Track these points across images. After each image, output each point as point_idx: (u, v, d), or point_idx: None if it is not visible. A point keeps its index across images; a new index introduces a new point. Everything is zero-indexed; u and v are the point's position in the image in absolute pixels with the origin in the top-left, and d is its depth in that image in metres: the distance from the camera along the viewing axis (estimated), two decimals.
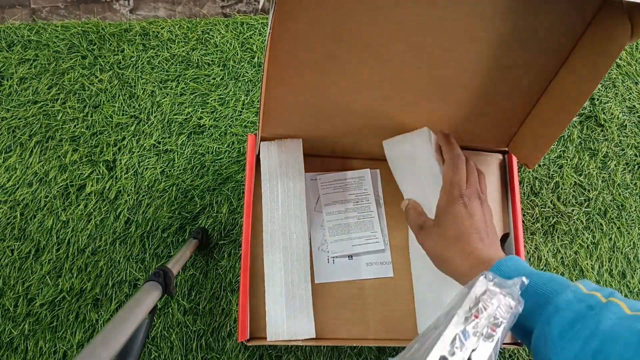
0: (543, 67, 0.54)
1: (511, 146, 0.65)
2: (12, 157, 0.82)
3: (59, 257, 0.78)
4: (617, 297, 0.33)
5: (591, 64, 0.50)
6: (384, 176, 0.66)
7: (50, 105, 0.85)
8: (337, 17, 0.45)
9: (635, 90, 0.92)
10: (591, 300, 0.33)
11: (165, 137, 0.84)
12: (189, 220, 0.80)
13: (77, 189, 0.81)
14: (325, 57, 0.50)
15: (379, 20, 0.46)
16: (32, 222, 0.79)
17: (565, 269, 0.81)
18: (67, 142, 0.83)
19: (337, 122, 0.59)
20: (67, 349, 0.74)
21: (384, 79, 0.53)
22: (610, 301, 0.32)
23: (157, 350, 0.74)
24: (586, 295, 0.33)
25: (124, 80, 0.86)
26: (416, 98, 0.56)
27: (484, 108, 0.58)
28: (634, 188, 0.86)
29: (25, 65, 0.87)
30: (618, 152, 0.88)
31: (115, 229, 0.79)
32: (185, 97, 0.86)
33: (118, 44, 0.88)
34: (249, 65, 0.89)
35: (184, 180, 0.82)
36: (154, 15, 0.94)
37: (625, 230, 0.84)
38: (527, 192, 0.84)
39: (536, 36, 0.50)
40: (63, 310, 0.75)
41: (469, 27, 0.48)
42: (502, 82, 0.55)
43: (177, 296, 0.76)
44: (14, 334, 0.74)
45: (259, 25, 0.91)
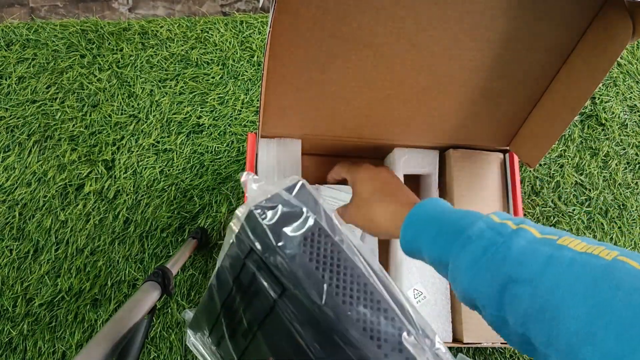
0: (544, 66, 0.54)
1: (512, 145, 0.64)
2: (11, 156, 0.81)
3: (58, 257, 0.77)
4: (529, 224, 0.33)
5: (593, 63, 0.49)
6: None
7: (49, 104, 0.84)
8: (337, 16, 0.45)
9: (637, 89, 0.91)
10: (502, 228, 0.33)
11: (164, 136, 0.83)
12: (188, 220, 0.79)
13: (75, 188, 0.80)
14: (326, 55, 0.49)
15: (379, 18, 0.46)
16: (31, 221, 0.79)
17: None
18: (65, 141, 0.82)
19: (337, 121, 0.59)
20: (66, 349, 0.74)
21: (385, 78, 0.53)
22: (520, 228, 0.32)
23: (156, 350, 0.74)
24: (497, 224, 0.34)
25: (122, 80, 0.86)
26: (417, 97, 0.56)
27: (485, 107, 0.58)
28: (635, 187, 0.86)
29: (23, 65, 0.86)
30: (619, 152, 0.88)
31: (114, 228, 0.78)
32: (184, 96, 0.86)
33: (117, 43, 0.88)
34: (248, 64, 0.88)
35: (183, 179, 0.81)
36: (153, 14, 0.93)
37: (627, 230, 0.83)
38: (528, 191, 0.84)
39: (537, 35, 0.50)
40: (62, 310, 0.75)
41: (470, 26, 0.48)
42: (504, 80, 0.55)
43: (176, 296, 0.76)
44: (13, 334, 0.74)
45: (258, 24, 0.91)
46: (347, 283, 0.25)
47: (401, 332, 0.23)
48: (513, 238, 0.31)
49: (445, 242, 0.35)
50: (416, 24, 0.47)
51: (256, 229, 0.26)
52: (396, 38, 0.48)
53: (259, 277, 0.26)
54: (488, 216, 0.35)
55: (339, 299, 0.24)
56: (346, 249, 0.26)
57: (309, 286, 0.24)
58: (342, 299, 0.24)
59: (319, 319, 0.23)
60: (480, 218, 0.35)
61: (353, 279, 0.25)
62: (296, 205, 0.27)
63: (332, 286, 0.24)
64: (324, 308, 0.23)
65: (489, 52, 0.51)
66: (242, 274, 0.28)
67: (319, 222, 0.26)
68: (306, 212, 0.26)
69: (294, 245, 0.25)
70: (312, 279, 0.24)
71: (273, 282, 0.25)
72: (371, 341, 0.23)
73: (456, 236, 0.34)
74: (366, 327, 0.23)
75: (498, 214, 0.35)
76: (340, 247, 0.26)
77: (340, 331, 0.23)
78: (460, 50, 0.50)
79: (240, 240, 0.27)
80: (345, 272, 0.25)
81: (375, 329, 0.23)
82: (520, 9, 0.46)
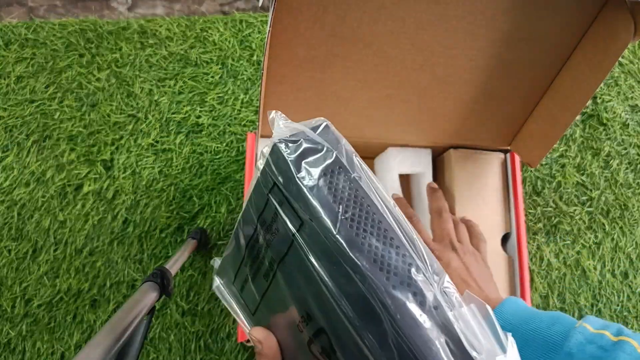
0: (546, 65, 0.53)
1: (514, 145, 0.64)
2: (9, 156, 0.81)
3: (57, 258, 0.77)
4: (626, 333, 0.32)
5: (594, 63, 0.49)
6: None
7: (48, 104, 0.84)
8: (338, 15, 0.45)
9: (638, 89, 0.91)
10: (601, 340, 0.32)
11: (164, 136, 0.83)
12: (188, 220, 0.79)
13: (74, 188, 0.80)
14: (326, 54, 0.49)
15: (380, 18, 0.45)
16: (30, 222, 0.78)
17: (568, 270, 0.80)
18: (64, 141, 0.82)
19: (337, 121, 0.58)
20: (65, 350, 0.73)
21: (385, 77, 0.53)
22: (621, 340, 0.31)
23: (155, 351, 0.73)
24: (595, 335, 0.33)
25: (121, 79, 0.86)
26: (417, 96, 0.56)
27: (486, 106, 0.58)
28: (636, 187, 0.86)
29: (22, 64, 0.86)
30: (620, 151, 0.87)
31: (113, 229, 0.78)
32: (183, 95, 0.85)
33: (116, 42, 0.88)
34: (248, 63, 0.88)
35: (182, 179, 0.81)
36: (152, 13, 0.93)
37: (628, 230, 0.83)
38: (529, 191, 0.84)
39: (539, 34, 0.49)
40: (61, 311, 0.75)
41: (471, 25, 0.47)
42: (505, 80, 0.55)
43: (175, 297, 0.75)
44: (12, 335, 0.74)
45: (258, 23, 0.91)
46: (362, 217, 0.25)
47: (411, 268, 0.24)
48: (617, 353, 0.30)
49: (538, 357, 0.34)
50: (416, 23, 0.46)
51: (279, 161, 0.27)
52: (396, 37, 0.48)
53: (280, 212, 0.27)
54: (582, 325, 0.34)
55: (353, 231, 0.24)
56: (364, 186, 0.27)
57: (325, 216, 0.25)
58: (355, 232, 0.24)
59: (332, 249, 0.24)
60: (573, 327, 0.34)
61: (368, 214, 0.25)
62: (318, 142, 0.28)
63: (347, 218, 0.25)
64: (337, 237, 0.24)
65: (490, 52, 0.51)
66: (265, 210, 0.29)
67: (340, 159, 0.27)
68: (327, 148, 0.27)
69: (313, 178, 0.26)
70: (327, 209, 0.25)
71: (293, 215, 0.26)
72: (380, 272, 0.23)
73: (553, 351, 0.33)
74: (377, 259, 0.24)
75: (589, 320, 0.34)
76: (358, 183, 0.27)
77: (351, 259, 0.23)
78: (460, 50, 0.50)
79: (264, 175, 0.28)
80: (361, 207, 0.26)
81: (386, 261, 0.24)
82: (521, 9, 0.46)
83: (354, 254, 0.23)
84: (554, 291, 0.79)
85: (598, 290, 0.80)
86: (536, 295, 0.79)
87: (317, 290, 0.25)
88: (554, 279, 0.79)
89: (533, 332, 0.35)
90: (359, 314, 0.23)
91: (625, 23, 0.44)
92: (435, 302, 0.23)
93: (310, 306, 0.26)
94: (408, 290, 0.23)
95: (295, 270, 0.27)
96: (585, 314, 0.79)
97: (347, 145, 0.29)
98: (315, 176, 0.26)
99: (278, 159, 0.27)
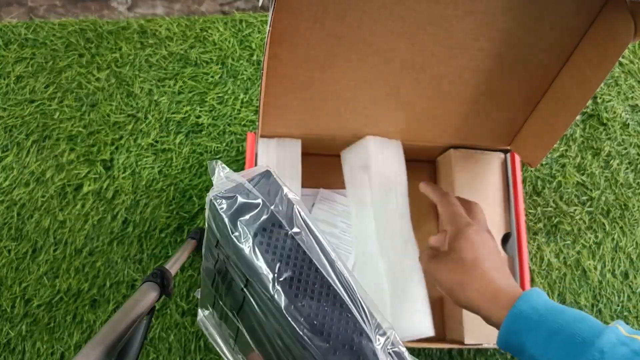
0: (546, 65, 0.53)
1: (514, 145, 0.64)
2: (9, 156, 0.81)
3: (57, 258, 0.77)
4: None
5: (594, 63, 0.49)
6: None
7: (47, 104, 0.84)
8: (337, 15, 0.45)
9: (638, 89, 0.91)
10: (634, 344, 0.32)
11: (163, 136, 0.83)
12: (187, 220, 0.79)
13: (74, 188, 0.80)
14: (326, 54, 0.49)
15: (380, 18, 0.45)
16: (29, 222, 0.78)
17: (568, 269, 0.80)
18: (64, 141, 0.82)
19: (337, 121, 0.58)
20: (65, 350, 0.73)
21: (385, 77, 0.53)
22: None
23: (155, 351, 0.73)
24: (627, 338, 0.33)
25: (121, 79, 0.86)
26: (418, 96, 0.56)
27: (486, 106, 0.58)
28: (636, 187, 0.86)
29: (22, 64, 0.86)
30: (621, 151, 0.87)
31: (113, 229, 0.78)
32: (183, 95, 0.85)
33: (116, 42, 0.88)
34: (247, 63, 0.88)
35: (182, 179, 0.81)
36: (152, 13, 0.93)
37: (629, 230, 0.83)
38: (529, 191, 0.83)
39: (539, 34, 0.49)
40: (60, 311, 0.75)
41: (471, 25, 0.47)
42: (505, 80, 0.55)
43: (175, 297, 0.75)
44: (11, 335, 0.74)
45: (258, 22, 0.91)
46: (301, 276, 0.24)
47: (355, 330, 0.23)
48: None
49: (566, 351, 0.34)
50: (417, 23, 0.46)
51: (216, 218, 0.26)
52: (396, 37, 0.48)
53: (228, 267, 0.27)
54: (615, 326, 0.34)
55: (292, 292, 0.23)
56: (304, 243, 0.26)
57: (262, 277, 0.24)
58: (294, 292, 0.23)
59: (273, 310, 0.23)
60: (606, 327, 0.34)
61: (309, 273, 0.24)
62: (255, 195, 0.26)
63: (284, 278, 0.24)
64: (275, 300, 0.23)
65: (490, 52, 0.51)
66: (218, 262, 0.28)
67: (276, 215, 0.26)
68: (263, 203, 0.26)
69: (248, 237, 0.25)
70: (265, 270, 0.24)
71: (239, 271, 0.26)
72: (321, 337, 0.22)
73: (583, 348, 0.33)
74: (317, 322, 0.23)
75: (621, 323, 0.34)
76: (295, 240, 0.25)
77: (290, 324, 0.22)
78: (461, 50, 0.50)
79: (209, 229, 0.28)
80: (301, 266, 0.25)
81: (327, 324, 0.23)
82: (521, 9, 0.46)
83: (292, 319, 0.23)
84: (554, 291, 0.79)
85: (598, 290, 0.80)
86: None
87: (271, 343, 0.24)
88: (554, 279, 0.79)
89: (562, 325, 0.35)
90: None
91: (625, 23, 0.44)
92: None
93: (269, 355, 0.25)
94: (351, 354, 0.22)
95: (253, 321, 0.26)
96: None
97: (289, 194, 0.27)
98: (251, 234, 0.25)
99: (215, 216, 0.26)
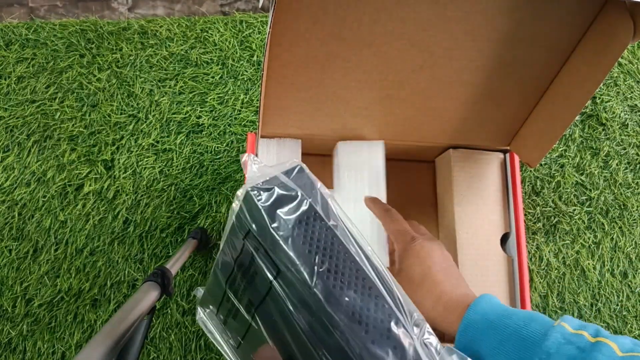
0: (545, 65, 0.53)
1: (513, 145, 0.64)
2: (10, 156, 0.81)
3: (57, 258, 0.77)
4: (604, 335, 0.32)
5: (594, 63, 0.49)
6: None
7: (48, 104, 0.84)
8: (337, 15, 0.45)
9: (637, 89, 0.91)
10: (579, 341, 0.32)
11: (164, 136, 0.83)
12: (188, 220, 0.79)
13: (75, 188, 0.80)
14: (326, 55, 0.49)
15: (380, 18, 0.46)
16: (30, 222, 0.78)
17: (567, 269, 0.80)
18: (65, 141, 0.82)
19: (337, 121, 0.59)
20: (66, 350, 0.74)
21: (385, 78, 0.53)
22: (599, 341, 0.31)
23: (156, 351, 0.73)
24: (573, 335, 0.33)
25: (122, 79, 0.86)
26: (417, 96, 0.56)
27: (485, 106, 0.58)
28: (635, 187, 0.86)
29: (23, 64, 0.86)
30: (620, 151, 0.87)
31: (114, 229, 0.78)
32: (184, 95, 0.85)
33: (116, 43, 0.88)
34: (248, 63, 0.88)
35: (183, 179, 0.81)
36: (153, 14, 0.93)
37: (627, 230, 0.83)
38: (528, 191, 0.84)
39: (538, 34, 0.49)
40: (61, 310, 0.75)
41: (471, 25, 0.47)
42: (504, 80, 0.55)
43: (176, 297, 0.75)
44: (12, 335, 0.74)
45: (258, 23, 0.91)
46: (338, 267, 0.25)
47: (390, 319, 0.23)
48: (595, 355, 0.30)
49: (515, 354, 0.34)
50: (416, 23, 0.46)
51: (252, 210, 0.26)
52: (396, 38, 0.48)
53: (257, 258, 0.26)
54: (560, 324, 0.34)
55: (330, 283, 0.24)
56: (340, 234, 0.26)
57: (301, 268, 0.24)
58: (332, 283, 0.24)
59: (309, 301, 0.23)
60: (552, 327, 0.34)
61: (345, 263, 0.25)
62: (292, 188, 0.27)
63: (323, 269, 0.24)
64: (314, 290, 0.23)
65: (490, 52, 0.51)
66: (242, 254, 0.28)
67: (314, 206, 0.26)
68: (301, 195, 0.26)
69: (288, 228, 0.25)
70: (304, 261, 0.24)
71: (269, 263, 0.26)
72: (359, 326, 0.23)
73: (530, 349, 0.33)
74: (355, 312, 0.23)
75: (567, 320, 0.35)
76: (334, 232, 0.26)
77: (329, 314, 0.23)
78: (460, 50, 0.50)
79: (239, 219, 0.27)
80: (338, 256, 0.25)
81: (364, 314, 0.23)
82: (520, 9, 0.46)
83: (331, 309, 0.23)
84: (553, 291, 0.79)
85: (597, 290, 0.80)
86: (536, 295, 0.79)
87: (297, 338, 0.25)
88: (554, 279, 0.80)
89: (511, 329, 0.35)
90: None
91: (625, 23, 0.44)
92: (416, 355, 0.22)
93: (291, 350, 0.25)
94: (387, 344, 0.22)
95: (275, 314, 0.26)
96: (584, 313, 0.80)
97: (322, 189, 0.28)
98: (290, 226, 0.25)
99: (251, 207, 0.26)
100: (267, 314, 0.27)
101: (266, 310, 0.27)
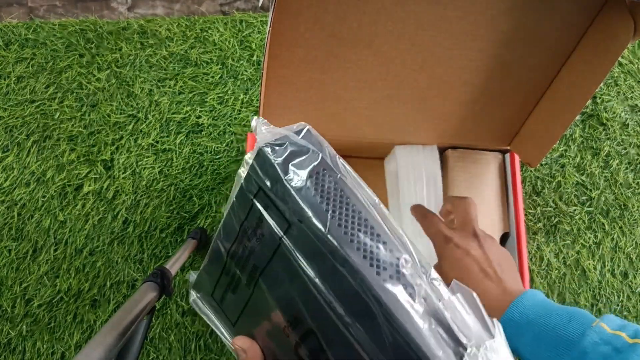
0: (545, 65, 0.53)
1: (513, 145, 0.64)
2: (10, 156, 0.81)
3: (57, 258, 0.77)
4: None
5: (594, 63, 0.49)
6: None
7: (48, 104, 0.84)
8: (337, 16, 0.45)
9: (638, 89, 0.91)
10: (617, 341, 0.32)
11: (164, 136, 0.83)
12: (188, 220, 0.79)
13: (74, 188, 0.80)
14: (326, 55, 0.49)
15: (380, 18, 0.45)
16: (30, 222, 0.78)
17: (567, 269, 0.80)
18: (64, 141, 0.82)
19: (337, 121, 0.59)
20: (65, 350, 0.73)
21: (385, 78, 0.53)
22: (636, 343, 0.31)
23: (155, 351, 0.73)
24: (611, 336, 0.33)
25: (121, 79, 0.86)
26: (417, 96, 0.56)
27: (485, 106, 0.58)
28: (636, 187, 0.86)
29: (22, 64, 0.86)
30: (620, 151, 0.87)
31: (113, 229, 0.78)
32: (183, 95, 0.85)
33: (116, 43, 0.88)
34: (247, 63, 0.88)
35: (183, 179, 0.81)
36: (152, 14, 0.93)
37: (628, 230, 0.83)
38: (528, 191, 0.84)
39: (538, 34, 0.49)
40: (61, 311, 0.75)
41: (471, 26, 0.47)
42: (504, 80, 0.55)
43: (175, 297, 0.75)
44: (12, 335, 0.74)
45: (258, 23, 0.91)
46: (349, 216, 0.26)
47: (399, 262, 0.25)
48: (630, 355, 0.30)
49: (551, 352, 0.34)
50: (416, 24, 0.46)
51: (265, 165, 0.27)
52: (396, 38, 0.48)
53: (266, 217, 0.28)
54: (598, 325, 0.34)
55: (342, 229, 0.25)
56: (350, 185, 0.27)
57: (314, 217, 0.25)
58: (344, 230, 0.25)
59: (322, 249, 0.25)
60: (590, 327, 0.34)
61: (355, 213, 0.26)
62: (303, 145, 0.28)
63: (335, 218, 0.25)
64: (328, 237, 0.24)
65: (490, 52, 0.51)
66: (249, 216, 0.29)
67: (325, 160, 0.28)
68: (313, 150, 0.28)
69: (301, 179, 0.26)
70: (316, 210, 0.25)
71: (280, 218, 0.27)
72: (371, 267, 0.24)
73: (567, 347, 0.33)
74: (366, 255, 0.24)
75: (607, 319, 0.34)
76: (344, 182, 0.27)
77: (342, 257, 0.24)
78: (460, 50, 0.50)
79: (249, 180, 0.29)
80: (347, 206, 0.26)
81: (375, 257, 0.25)
82: (521, 9, 0.46)
83: (345, 252, 0.24)
84: (553, 291, 0.79)
85: (598, 290, 0.80)
86: None
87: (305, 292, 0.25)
88: (554, 279, 0.79)
89: (550, 327, 0.35)
90: (351, 311, 0.23)
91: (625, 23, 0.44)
92: (425, 293, 0.24)
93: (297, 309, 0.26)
94: (398, 283, 0.24)
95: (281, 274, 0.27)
96: None
97: (329, 148, 0.29)
98: (303, 177, 0.26)
99: (264, 163, 0.27)
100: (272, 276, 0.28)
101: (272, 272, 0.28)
